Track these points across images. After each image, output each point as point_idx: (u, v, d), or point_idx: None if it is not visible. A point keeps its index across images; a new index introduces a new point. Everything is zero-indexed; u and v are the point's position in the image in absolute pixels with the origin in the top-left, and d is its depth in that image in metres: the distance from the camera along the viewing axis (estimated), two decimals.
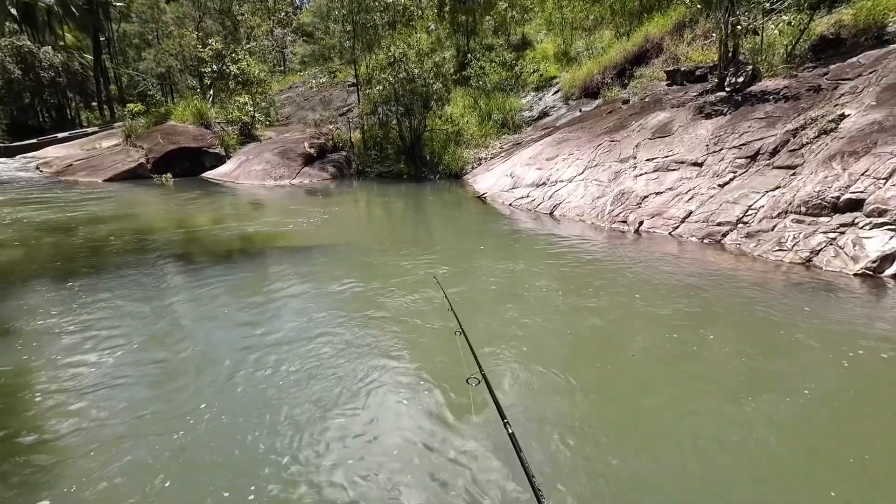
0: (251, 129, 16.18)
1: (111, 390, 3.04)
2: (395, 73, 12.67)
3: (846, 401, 2.81)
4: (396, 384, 3.06)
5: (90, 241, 6.67)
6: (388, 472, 2.32)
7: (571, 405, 2.83)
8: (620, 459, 2.39)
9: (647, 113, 9.33)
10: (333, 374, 3.17)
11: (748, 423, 2.61)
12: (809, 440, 2.52)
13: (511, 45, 18.62)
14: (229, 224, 7.98)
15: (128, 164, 13.96)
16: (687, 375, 3.14)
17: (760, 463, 2.34)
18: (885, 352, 3.26)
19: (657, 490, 2.21)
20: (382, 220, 9.12)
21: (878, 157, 5.43)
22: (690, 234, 6.23)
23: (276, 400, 2.89)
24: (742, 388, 2.93)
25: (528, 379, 3.10)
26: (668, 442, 2.51)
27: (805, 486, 2.22)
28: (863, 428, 2.58)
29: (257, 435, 2.58)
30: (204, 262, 5.78)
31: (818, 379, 3.01)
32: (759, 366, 3.20)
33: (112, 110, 27.38)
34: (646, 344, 3.58)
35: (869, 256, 4.60)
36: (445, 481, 2.25)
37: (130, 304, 4.40)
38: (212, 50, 17.08)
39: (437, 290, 4.32)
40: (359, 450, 2.47)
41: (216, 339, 3.75)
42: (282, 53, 30.35)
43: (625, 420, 2.74)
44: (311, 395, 2.94)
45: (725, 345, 3.47)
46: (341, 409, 2.79)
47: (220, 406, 2.85)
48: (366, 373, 3.17)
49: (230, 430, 2.64)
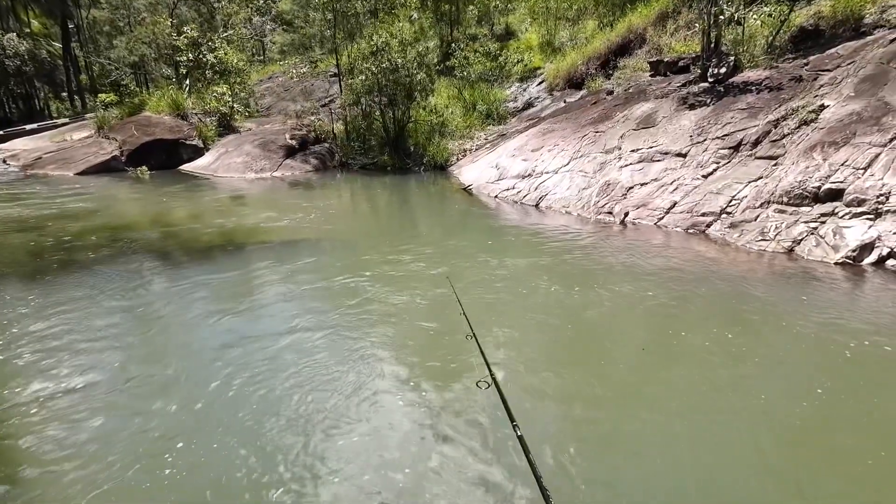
0: (230, 121, 15.75)
1: (72, 409, 2.75)
2: (378, 62, 12.42)
3: (833, 389, 2.84)
4: (398, 384, 2.99)
5: (61, 239, 6.40)
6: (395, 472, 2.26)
7: (570, 402, 2.81)
8: (624, 461, 2.37)
9: (632, 104, 9.34)
10: (333, 387, 3.08)
11: (754, 418, 2.62)
12: (809, 432, 2.55)
13: (495, 35, 18.45)
14: (209, 219, 7.76)
15: (101, 157, 13.46)
16: (681, 371, 3.15)
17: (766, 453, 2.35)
18: (867, 340, 3.32)
19: (658, 490, 2.20)
20: (368, 214, 8.99)
21: (857, 147, 5.52)
22: (675, 224, 6.27)
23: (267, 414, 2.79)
24: (743, 382, 2.95)
25: (527, 377, 3.06)
26: (682, 443, 2.50)
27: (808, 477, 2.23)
28: (854, 414, 2.62)
29: (248, 461, 2.48)
30: (182, 261, 5.60)
31: (810, 369, 3.04)
32: (757, 357, 3.22)
33: (83, 101, 26.39)
34: (642, 339, 3.57)
35: (849, 246, 4.68)
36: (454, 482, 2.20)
37: (102, 306, 4.21)
38: (187, 38, 16.50)
39: (435, 287, 4.24)
40: (364, 451, 2.40)
41: (194, 349, 3.61)
42: (261, 42, 29.57)
43: (627, 420, 2.73)
44: (312, 416, 2.85)
45: (725, 339, 3.49)
46: (344, 419, 2.71)
47: (198, 439, 2.51)
48: (366, 379, 3.09)
49: (212, 464, 2.35)
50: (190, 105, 15.81)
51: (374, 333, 3.61)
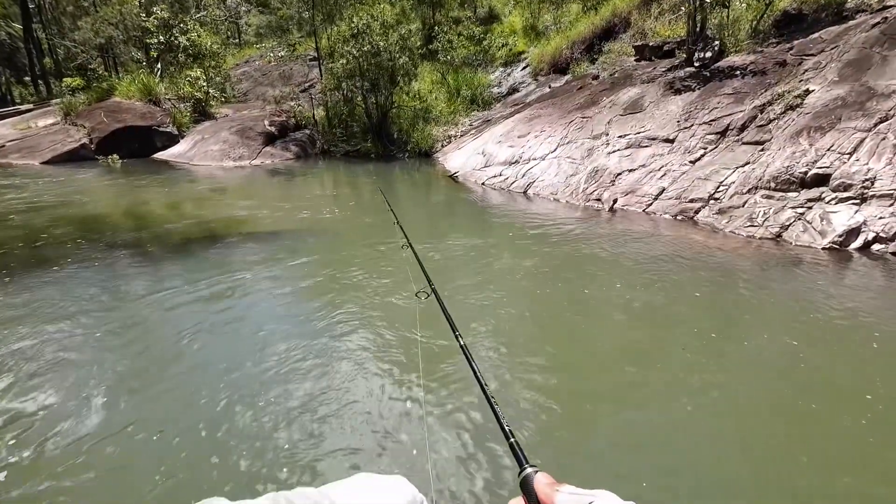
0: (205, 107, 15.17)
1: (33, 418, 2.56)
2: (360, 45, 12.05)
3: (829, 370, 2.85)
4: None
5: (26, 232, 6.06)
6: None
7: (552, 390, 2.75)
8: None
9: (618, 89, 9.27)
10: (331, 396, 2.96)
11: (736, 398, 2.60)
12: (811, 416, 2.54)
13: (478, 18, 18.10)
14: (187, 210, 7.46)
15: (69, 145, 12.85)
16: (681, 356, 3.12)
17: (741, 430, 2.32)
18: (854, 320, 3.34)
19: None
20: (352, 203, 8.77)
21: (842, 132, 5.55)
22: (664, 211, 6.26)
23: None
24: (723, 362, 2.93)
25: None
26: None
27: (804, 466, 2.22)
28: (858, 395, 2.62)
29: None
30: (158, 254, 5.35)
31: (805, 356, 3.04)
32: (753, 343, 3.21)
33: (48, 86, 25.10)
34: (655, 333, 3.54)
35: (836, 231, 4.71)
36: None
37: (71, 306, 3.98)
38: (157, 19, 15.72)
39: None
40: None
41: (167, 345, 3.44)
42: (235, 24, 28.51)
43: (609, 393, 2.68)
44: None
45: (705, 322, 3.47)
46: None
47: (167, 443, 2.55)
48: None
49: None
50: (162, 90, 15.16)
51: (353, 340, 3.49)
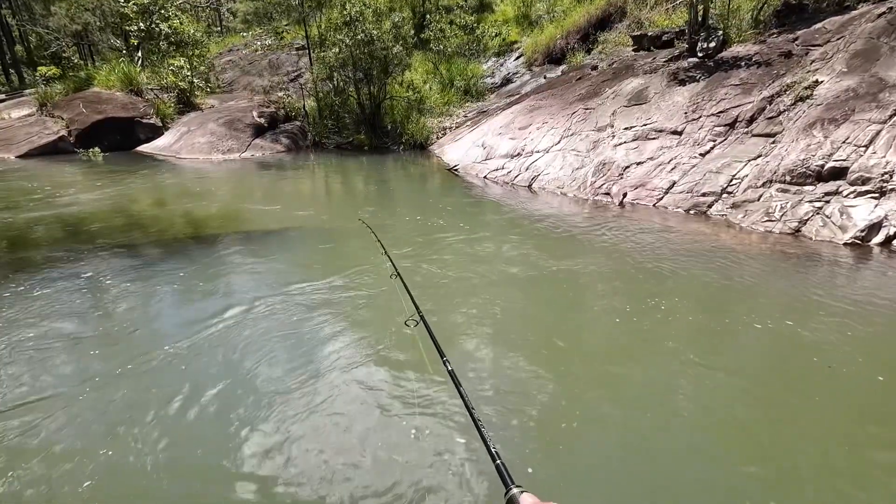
0: (190, 97, 14.60)
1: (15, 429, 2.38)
2: (353, 34, 11.65)
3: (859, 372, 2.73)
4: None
5: (4, 232, 5.67)
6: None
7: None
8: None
9: (620, 79, 9.10)
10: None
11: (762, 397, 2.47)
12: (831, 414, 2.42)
13: (470, 6, 17.74)
14: (173, 206, 7.10)
15: (46, 138, 12.23)
16: (701, 358, 2.98)
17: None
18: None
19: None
20: (350, 198, 8.49)
21: (856, 124, 5.47)
22: (676, 205, 6.13)
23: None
24: (750, 364, 2.80)
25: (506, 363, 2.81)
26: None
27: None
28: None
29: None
30: (148, 255, 5.04)
31: (836, 354, 2.93)
32: (788, 340, 3.08)
33: (20, 75, 23.97)
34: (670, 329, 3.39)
35: (857, 226, 4.63)
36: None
37: (51, 310, 3.68)
38: (136, 5, 15.00)
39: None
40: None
41: (154, 346, 3.19)
42: (217, 11, 27.57)
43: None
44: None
45: (740, 323, 3.34)
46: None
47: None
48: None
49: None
50: (144, 80, 14.53)
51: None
